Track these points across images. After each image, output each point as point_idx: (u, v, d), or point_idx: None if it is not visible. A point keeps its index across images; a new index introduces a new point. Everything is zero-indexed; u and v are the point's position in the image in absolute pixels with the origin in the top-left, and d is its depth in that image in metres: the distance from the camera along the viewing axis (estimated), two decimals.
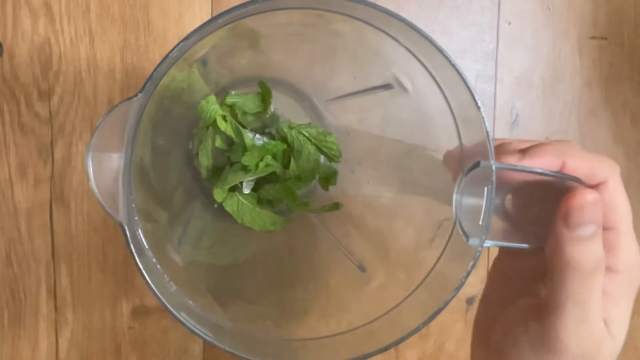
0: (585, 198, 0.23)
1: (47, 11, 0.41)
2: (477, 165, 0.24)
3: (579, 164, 0.24)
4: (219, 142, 0.37)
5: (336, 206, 0.38)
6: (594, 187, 0.24)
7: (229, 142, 0.38)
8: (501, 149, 0.25)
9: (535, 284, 0.27)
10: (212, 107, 0.36)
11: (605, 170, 0.24)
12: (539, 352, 0.24)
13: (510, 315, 0.27)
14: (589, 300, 0.23)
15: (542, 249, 0.25)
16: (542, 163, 0.24)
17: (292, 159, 0.38)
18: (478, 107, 0.24)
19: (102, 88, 0.42)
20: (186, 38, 0.23)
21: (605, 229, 0.24)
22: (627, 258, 0.25)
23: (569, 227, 0.23)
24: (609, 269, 0.24)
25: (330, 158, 0.39)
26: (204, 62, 0.33)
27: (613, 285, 0.24)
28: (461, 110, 0.26)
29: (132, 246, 0.24)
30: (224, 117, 0.37)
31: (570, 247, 0.23)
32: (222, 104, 0.37)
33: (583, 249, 0.23)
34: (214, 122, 0.36)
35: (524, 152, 0.24)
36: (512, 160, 0.24)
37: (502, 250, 0.28)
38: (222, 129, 0.36)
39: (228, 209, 0.37)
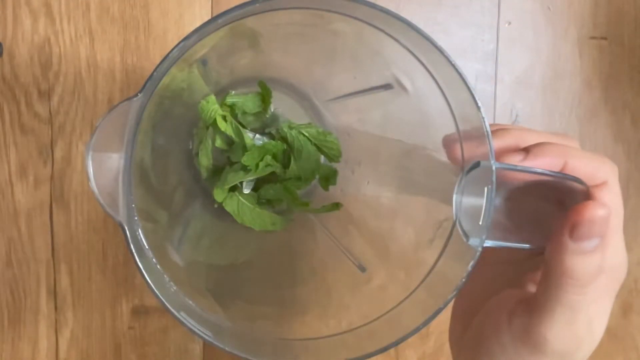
0: (597, 213, 0.22)
1: (47, 11, 0.41)
2: (477, 165, 0.24)
3: (581, 164, 0.24)
4: (219, 142, 0.37)
5: (336, 206, 0.38)
6: (594, 187, 0.24)
7: (229, 142, 0.38)
8: (501, 142, 0.25)
9: (524, 275, 0.27)
10: (212, 107, 0.36)
11: (606, 171, 0.25)
12: (519, 345, 0.25)
13: (494, 304, 0.27)
14: (580, 307, 0.23)
15: (543, 249, 0.25)
16: (545, 163, 0.24)
17: (292, 159, 0.38)
18: (478, 107, 0.24)
19: (102, 88, 0.42)
20: (186, 38, 0.23)
21: None
22: (613, 258, 0.25)
23: (574, 238, 0.23)
24: None
25: (330, 158, 0.39)
26: (204, 62, 0.33)
27: (598, 285, 0.24)
28: (461, 110, 0.26)
29: (132, 246, 0.24)
30: (224, 117, 0.37)
31: (571, 258, 0.23)
32: (222, 104, 0.37)
33: (584, 261, 0.23)
34: (214, 122, 0.36)
35: (526, 151, 0.24)
36: (515, 160, 0.24)
37: None
38: (222, 129, 0.36)
39: (228, 209, 0.37)
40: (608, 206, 0.23)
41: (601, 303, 0.25)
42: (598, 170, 0.24)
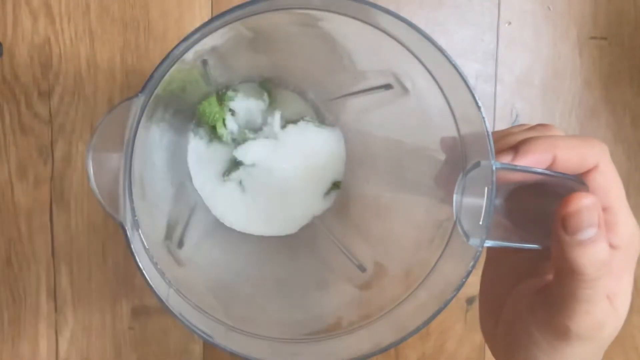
0: (582, 203, 0.23)
1: (47, 11, 0.41)
2: (477, 165, 0.24)
3: (569, 154, 0.24)
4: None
5: (336, 185, 0.38)
6: (587, 173, 0.25)
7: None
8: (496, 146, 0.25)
9: (542, 262, 0.27)
10: (214, 109, 0.36)
11: (595, 155, 0.25)
12: (546, 335, 0.25)
13: (518, 296, 0.27)
14: (594, 298, 0.23)
15: (543, 248, 0.25)
16: (534, 161, 0.24)
17: None
18: (478, 107, 0.24)
19: (102, 88, 0.42)
20: (186, 38, 0.23)
21: (602, 210, 0.24)
22: (625, 233, 0.25)
23: (567, 232, 0.23)
24: (609, 246, 0.24)
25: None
26: (204, 62, 0.33)
27: (614, 261, 0.24)
28: (461, 110, 0.26)
29: (132, 246, 0.24)
30: (223, 121, 0.37)
31: (572, 252, 0.23)
32: (221, 104, 0.37)
33: (585, 252, 0.23)
34: (214, 128, 0.36)
35: (514, 149, 0.24)
36: (505, 160, 0.24)
37: None
38: (219, 135, 0.37)
39: None
40: (593, 195, 0.23)
41: (620, 280, 0.25)
42: (587, 155, 0.24)
